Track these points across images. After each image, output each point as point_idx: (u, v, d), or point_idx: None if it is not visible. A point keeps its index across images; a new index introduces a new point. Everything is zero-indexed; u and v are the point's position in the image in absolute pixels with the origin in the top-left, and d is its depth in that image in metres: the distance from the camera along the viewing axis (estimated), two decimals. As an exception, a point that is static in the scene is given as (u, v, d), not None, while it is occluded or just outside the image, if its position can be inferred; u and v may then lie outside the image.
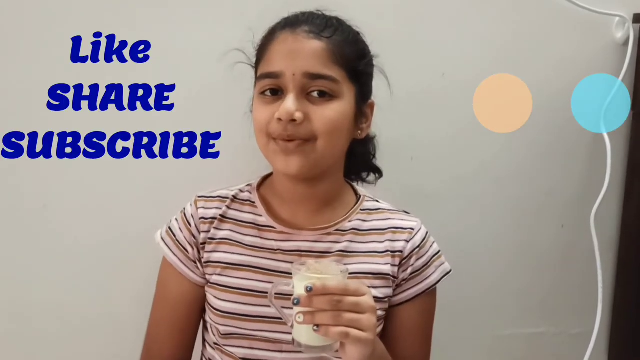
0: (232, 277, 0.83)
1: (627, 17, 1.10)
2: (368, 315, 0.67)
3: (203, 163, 1.07)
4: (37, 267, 1.06)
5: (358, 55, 0.82)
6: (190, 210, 0.87)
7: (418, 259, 0.85)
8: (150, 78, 1.03)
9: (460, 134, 1.12)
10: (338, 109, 0.77)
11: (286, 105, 0.75)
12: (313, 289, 0.65)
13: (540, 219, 1.18)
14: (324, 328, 0.65)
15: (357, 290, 0.67)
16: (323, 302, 0.65)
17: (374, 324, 0.67)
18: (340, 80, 0.77)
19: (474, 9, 1.09)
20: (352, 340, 0.66)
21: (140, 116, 1.04)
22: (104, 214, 1.07)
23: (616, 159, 1.14)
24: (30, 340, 1.08)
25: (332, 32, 0.78)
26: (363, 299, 0.67)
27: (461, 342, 1.20)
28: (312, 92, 0.76)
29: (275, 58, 0.77)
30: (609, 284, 1.21)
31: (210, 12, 1.03)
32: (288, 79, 0.76)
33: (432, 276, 0.86)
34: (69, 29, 1.01)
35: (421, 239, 0.86)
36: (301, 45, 0.76)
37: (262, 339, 0.81)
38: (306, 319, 0.66)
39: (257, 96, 0.80)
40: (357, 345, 0.66)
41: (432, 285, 0.86)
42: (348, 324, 0.65)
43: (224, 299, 0.82)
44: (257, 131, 0.80)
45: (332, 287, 0.66)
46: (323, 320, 0.65)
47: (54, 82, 1.02)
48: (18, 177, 1.04)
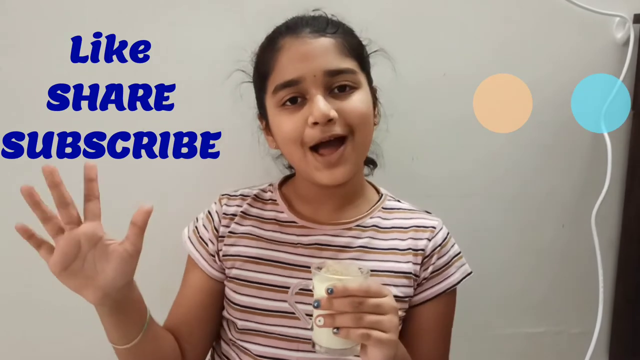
0: (252, 270, 0.83)
1: (627, 17, 1.10)
2: (390, 316, 0.66)
3: (203, 163, 1.07)
4: (38, 267, 1.06)
5: (360, 45, 0.83)
6: (214, 207, 0.88)
7: (439, 257, 0.84)
8: (150, 78, 1.03)
9: (461, 134, 1.12)
10: (363, 99, 0.78)
11: (320, 107, 0.73)
12: (334, 291, 0.64)
13: (540, 219, 1.17)
14: (345, 330, 0.64)
15: (379, 291, 0.66)
16: (344, 304, 0.64)
17: (396, 325, 0.67)
18: (356, 70, 0.78)
19: (475, 9, 1.09)
20: (373, 342, 0.64)
21: (140, 116, 1.04)
22: (104, 214, 1.06)
23: (617, 158, 1.14)
24: (32, 339, 1.08)
25: (335, 28, 0.79)
26: (385, 300, 0.66)
27: (461, 341, 1.19)
28: (334, 89, 0.76)
29: (288, 65, 0.76)
30: (609, 284, 1.21)
31: (210, 12, 1.03)
32: (309, 82, 0.75)
33: (453, 276, 0.85)
34: (69, 29, 1.01)
35: (442, 237, 0.86)
36: (311, 46, 0.76)
37: (279, 336, 0.81)
38: (326, 322, 0.65)
39: (276, 109, 0.78)
40: (379, 346, 0.65)
41: (453, 286, 0.85)
42: (369, 325, 0.64)
43: (242, 293, 0.82)
44: (289, 144, 0.78)
45: (354, 288, 0.64)
46: (344, 323, 0.64)
47: (54, 82, 1.02)
48: (18, 177, 1.04)
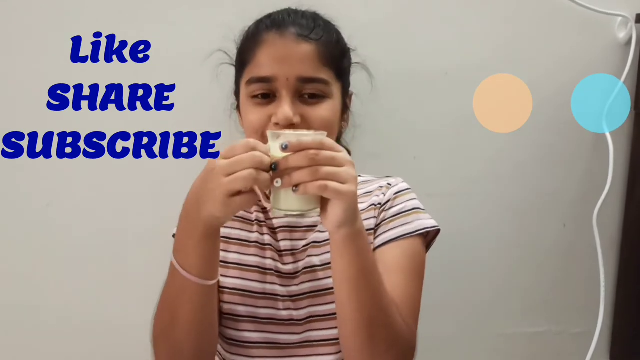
0: (228, 251, 0.84)
1: (629, 17, 1.10)
2: (346, 168, 0.64)
3: (203, 163, 1.06)
4: (38, 266, 1.06)
5: (342, 53, 0.84)
6: None
7: (392, 206, 0.84)
8: (150, 78, 1.03)
9: (462, 134, 1.12)
10: (330, 108, 0.80)
11: (284, 111, 0.76)
12: (289, 146, 0.63)
13: (542, 219, 1.17)
14: (303, 187, 0.62)
15: (333, 145, 0.65)
16: (299, 159, 0.63)
17: (353, 177, 0.65)
18: (330, 81, 0.80)
19: (476, 9, 1.09)
20: (331, 193, 0.62)
21: (140, 116, 1.04)
22: (104, 214, 1.06)
23: (618, 158, 1.13)
24: (33, 338, 1.08)
25: (320, 34, 0.80)
26: (340, 153, 0.65)
27: (463, 340, 1.20)
28: (304, 95, 0.78)
29: (266, 62, 0.78)
30: (611, 284, 1.20)
31: (210, 12, 1.03)
32: (281, 84, 0.77)
33: (408, 225, 0.83)
34: (69, 29, 1.01)
35: (399, 190, 0.86)
36: (292, 50, 0.77)
37: (266, 320, 0.81)
38: (285, 182, 0.63)
39: (247, 99, 0.80)
40: (338, 198, 0.63)
41: (408, 234, 0.82)
42: (326, 177, 0.62)
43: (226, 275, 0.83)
44: (252, 133, 0.80)
45: (308, 142, 0.63)
46: (301, 178, 0.62)
47: (54, 82, 1.02)
48: (19, 177, 1.04)
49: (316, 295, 0.81)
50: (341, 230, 0.67)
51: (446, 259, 1.07)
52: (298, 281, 0.82)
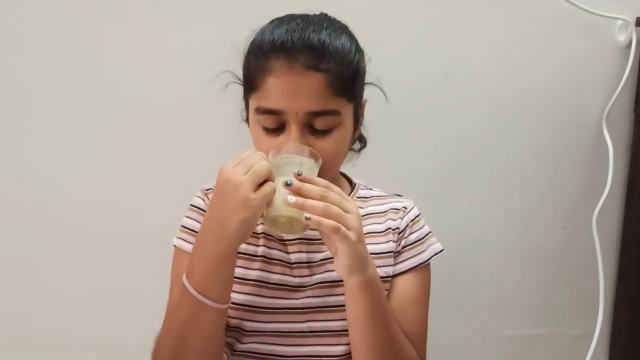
0: (241, 267, 0.81)
1: (629, 20, 1.10)
2: (352, 215, 0.67)
3: (203, 163, 1.06)
4: (37, 266, 1.06)
5: (355, 75, 0.78)
6: (201, 202, 0.85)
7: (411, 233, 0.85)
8: (150, 78, 1.03)
9: (462, 136, 1.12)
10: (340, 137, 0.77)
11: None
12: (302, 175, 0.67)
13: (542, 221, 1.17)
14: (317, 220, 0.64)
15: (340, 191, 0.69)
16: (312, 190, 0.66)
17: (358, 226, 0.67)
18: (341, 110, 0.76)
19: (477, 12, 1.09)
20: (340, 237, 0.65)
21: (140, 116, 1.04)
22: (106, 214, 1.06)
23: (618, 161, 1.14)
24: (35, 336, 1.08)
25: (331, 63, 0.74)
26: (349, 203, 0.68)
27: (462, 342, 1.20)
28: (314, 126, 0.75)
29: (274, 95, 0.74)
30: (610, 286, 1.21)
31: (210, 12, 1.03)
32: (290, 117, 0.74)
33: (424, 253, 0.85)
34: (70, 29, 1.01)
35: (415, 215, 0.87)
36: (301, 83, 0.73)
37: (274, 333, 0.80)
38: (298, 203, 0.66)
39: (256, 123, 0.78)
40: (343, 244, 0.66)
41: (425, 261, 0.84)
42: (336, 218, 0.65)
43: (236, 291, 0.80)
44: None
45: (318, 179, 0.67)
46: (315, 209, 0.65)
47: (54, 82, 1.02)
48: (19, 177, 1.04)
49: (327, 311, 0.80)
50: (352, 277, 0.69)
51: (445, 262, 1.06)
52: (311, 293, 0.81)
